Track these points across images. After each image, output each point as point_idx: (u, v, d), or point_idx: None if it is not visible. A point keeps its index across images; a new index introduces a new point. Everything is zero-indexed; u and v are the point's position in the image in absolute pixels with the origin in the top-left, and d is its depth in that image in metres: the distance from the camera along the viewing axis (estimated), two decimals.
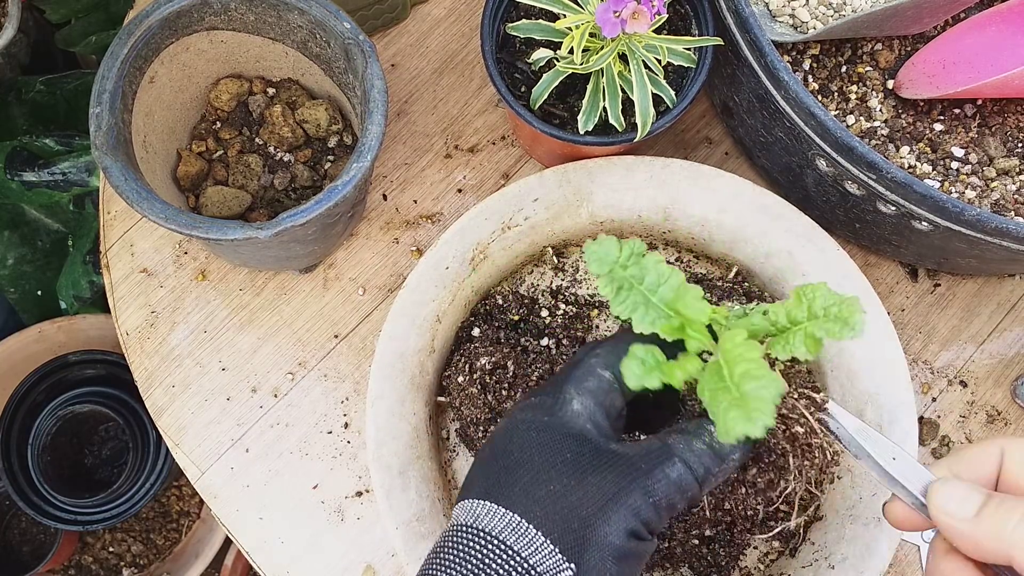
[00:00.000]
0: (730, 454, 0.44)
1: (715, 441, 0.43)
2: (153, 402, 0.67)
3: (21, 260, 0.96)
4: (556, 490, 0.42)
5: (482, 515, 0.42)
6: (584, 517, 0.41)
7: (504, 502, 0.42)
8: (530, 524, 0.41)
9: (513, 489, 0.43)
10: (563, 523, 0.41)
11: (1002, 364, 0.67)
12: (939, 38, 0.65)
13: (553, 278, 0.65)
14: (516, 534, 0.41)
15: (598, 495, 0.42)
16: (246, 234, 0.53)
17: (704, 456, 0.43)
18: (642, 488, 0.42)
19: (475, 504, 0.43)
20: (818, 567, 0.58)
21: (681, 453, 0.43)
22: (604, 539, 0.41)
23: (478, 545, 0.41)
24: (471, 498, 0.44)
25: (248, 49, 0.64)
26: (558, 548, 0.40)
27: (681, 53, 0.57)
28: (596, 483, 0.42)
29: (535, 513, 0.41)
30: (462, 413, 0.59)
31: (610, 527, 0.41)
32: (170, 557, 1.04)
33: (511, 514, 0.42)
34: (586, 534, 0.41)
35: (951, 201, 0.51)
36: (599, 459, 0.43)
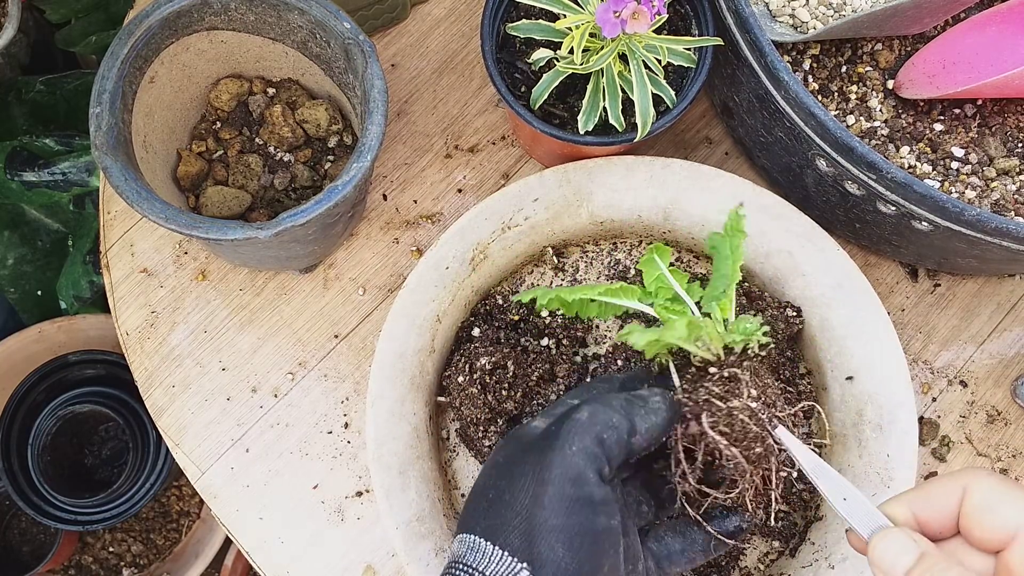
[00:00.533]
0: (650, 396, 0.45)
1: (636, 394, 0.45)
2: (153, 402, 0.67)
3: (21, 260, 0.96)
4: (493, 496, 0.43)
5: (455, 549, 0.44)
6: (520, 511, 0.41)
7: (465, 528, 0.44)
8: (479, 538, 0.42)
9: (469, 513, 0.44)
10: (504, 525, 0.42)
11: (1002, 364, 0.67)
12: (939, 38, 0.65)
13: (553, 278, 0.65)
14: (474, 552, 0.42)
15: (526, 483, 0.42)
16: (246, 234, 0.53)
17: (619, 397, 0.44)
18: (559, 449, 0.42)
19: (453, 542, 0.45)
20: (818, 567, 0.58)
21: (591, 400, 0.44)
22: (545, 523, 0.41)
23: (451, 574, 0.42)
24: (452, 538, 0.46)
25: (248, 49, 0.64)
26: (507, 551, 0.41)
27: (681, 53, 0.57)
28: (521, 472, 0.42)
29: (482, 526, 0.42)
30: (462, 413, 0.59)
31: (546, 510, 0.41)
32: (170, 557, 1.04)
33: (469, 536, 0.43)
34: (528, 527, 0.41)
35: (951, 201, 0.51)
36: (523, 450, 0.44)
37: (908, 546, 0.38)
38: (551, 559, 0.40)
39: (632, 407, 0.44)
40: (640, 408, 0.44)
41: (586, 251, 0.66)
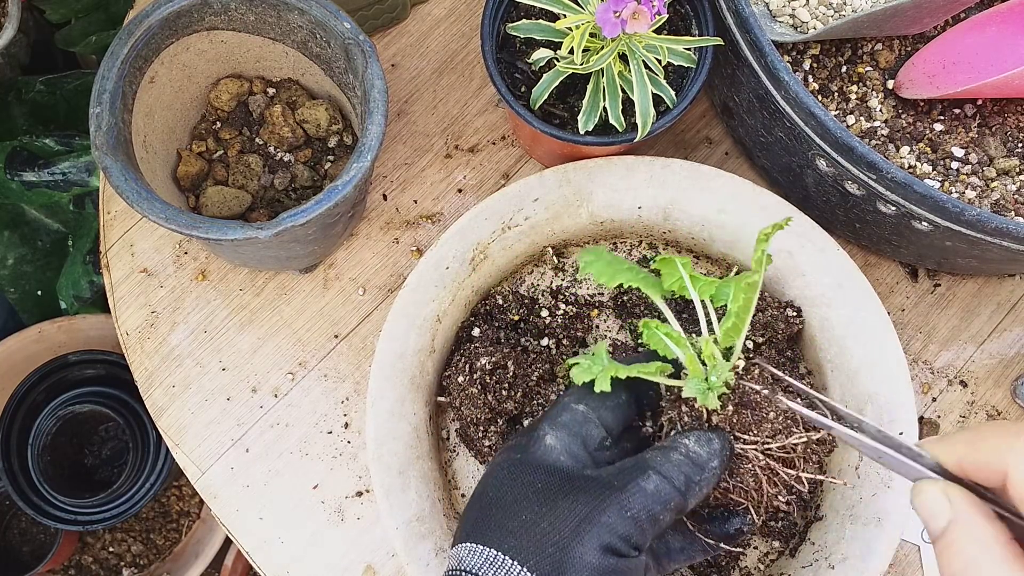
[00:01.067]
0: (708, 461, 0.44)
1: (691, 451, 0.44)
2: (153, 402, 0.67)
3: (21, 260, 0.96)
4: (528, 519, 0.43)
5: (464, 557, 0.43)
6: (558, 541, 0.42)
7: (482, 540, 0.43)
8: (506, 555, 0.42)
9: (489, 526, 0.44)
10: (537, 549, 0.42)
11: (1002, 364, 0.67)
12: (939, 38, 0.65)
13: (553, 278, 0.65)
14: (494, 568, 0.42)
15: (571, 518, 0.42)
16: (246, 234, 0.53)
17: (682, 465, 0.44)
18: (617, 504, 0.42)
19: (459, 548, 0.44)
20: (818, 567, 0.58)
21: (657, 466, 0.43)
22: (580, 559, 0.41)
23: None
24: (456, 544, 0.45)
25: (248, 49, 0.64)
26: (535, 574, 0.41)
27: (681, 53, 0.57)
28: (567, 507, 0.43)
29: (510, 544, 0.42)
30: (462, 413, 0.59)
31: (584, 547, 0.41)
32: (170, 557, 1.04)
33: (488, 550, 0.42)
34: (562, 557, 0.41)
35: (951, 201, 0.51)
36: (570, 484, 0.44)
37: (941, 508, 0.37)
38: None
39: (691, 486, 0.44)
40: (696, 485, 0.44)
41: None
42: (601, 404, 0.47)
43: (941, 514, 0.36)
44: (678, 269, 0.48)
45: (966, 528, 0.36)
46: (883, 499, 0.57)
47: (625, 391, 0.49)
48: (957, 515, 0.36)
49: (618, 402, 0.48)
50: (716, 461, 0.44)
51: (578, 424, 0.46)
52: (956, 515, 0.36)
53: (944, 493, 0.37)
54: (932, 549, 0.38)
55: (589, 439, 0.46)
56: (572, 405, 0.47)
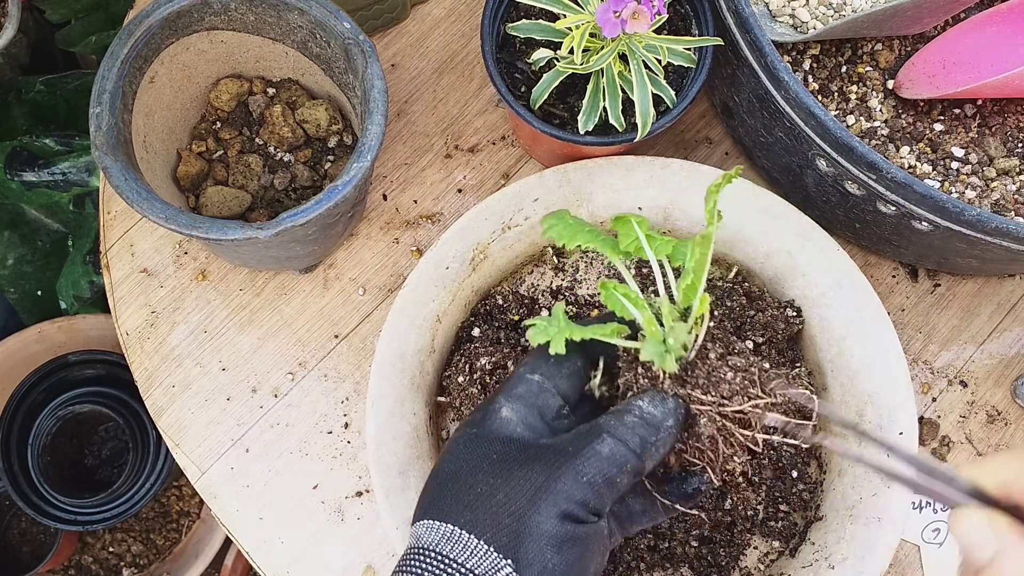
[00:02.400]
0: (663, 421, 0.43)
1: (645, 413, 0.44)
2: (153, 402, 0.67)
3: (21, 260, 0.96)
4: (483, 491, 0.42)
5: (422, 534, 0.43)
6: (514, 511, 0.41)
7: (438, 516, 0.43)
8: (462, 530, 0.42)
9: (445, 501, 0.44)
10: (494, 521, 0.41)
11: (1002, 364, 0.67)
12: (939, 38, 0.65)
13: (553, 278, 0.65)
14: (451, 543, 0.41)
15: (527, 487, 0.42)
16: (246, 234, 0.53)
17: (636, 427, 0.43)
18: (572, 470, 0.42)
19: (417, 526, 0.44)
20: (818, 567, 0.58)
21: (611, 429, 0.43)
22: (537, 528, 0.41)
23: (417, 562, 0.42)
24: (414, 522, 0.45)
25: (248, 49, 0.64)
26: (492, 547, 0.41)
27: (681, 53, 0.57)
28: (523, 476, 0.42)
29: (466, 518, 0.42)
30: (462, 413, 0.59)
31: (541, 516, 0.41)
32: (170, 557, 1.04)
33: (445, 525, 0.42)
34: (519, 527, 0.41)
35: (951, 201, 0.51)
36: (525, 454, 0.43)
37: (986, 539, 0.36)
38: (537, 559, 0.40)
39: (646, 447, 0.43)
40: (652, 445, 0.43)
41: (586, 251, 0.66)
42: (556, 372, 0.47)
43: (986, 544, 0.35)
44: (634, 229, 0.47)
45: (1016, 559, 0.35)
46: (883, 499, 0.57)
47: (580, 357, 0.48)
48: (1006, 545, 0.35)
49: (573, 369, 0.47)
50: (671, 420, 0.44)
51: (533, 395, 0.46)
52: (1005, 545, 0.35)
53: (988, 522, 0.36)
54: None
55: (546, 409, 0.46)
56: (527, 376, 0.46)
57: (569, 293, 0.64)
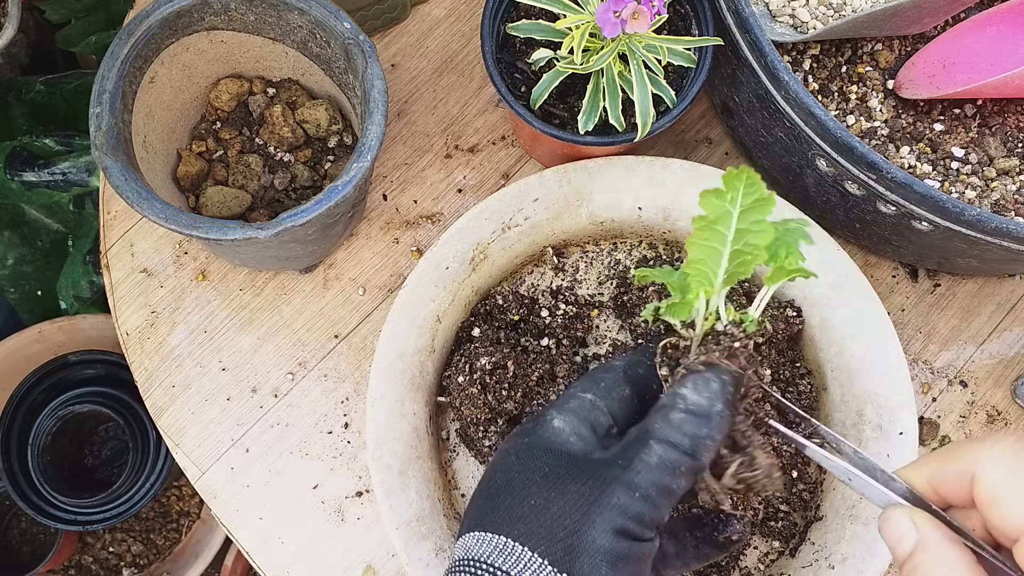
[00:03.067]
0: (711, 407, 0.41)
1: (690, 403, 0.42)
2: (153, 402, 0.67)
3: (21, 260, 0.96)
4: (537, 504, 0.42)
5: (472, 546, 0.42)
6: (568, 526, 0.40)
7: (490, 528, 0.42)
8: (515, 542, 0.41)
9: (497, 513, 0.43)
10: (548, 535, 0.40)
11: (1002, 364, 0.67)
12: (939, 38, 0.65)
13: (553, 278, 0.65)
14: (503, 555, 0.41)
15: (580, 501, 0.41)
16: (246, 234, 0.53)
17: (684, 424, 0.41)
18: (623, 484, 0.41)
19: (466, 537, 0.43)
20: (818, 567, 0.58)
21: (658, 432, 0.41)
22: (592, 544, 0.40)
23: (469, 572, 0.41)
24: (463, 534, 0.44)
25: (248, 49, 0.64)
26: (547, 560, 0.40)
27: (681, 53, 0.57)
28: (576, 490, 0.41)
29: (519, 530, 0.41)
30: (462, 413, 0.59)
31: (596, 531, 0.40)
32: (170, 557, 1.04)
33: (497, 537, 0.41)
34: (574, 542, 0.40)
35: (951, 201, 0.51)
36: (577, 467, 0.43)
37: (907, 532, 0.37)
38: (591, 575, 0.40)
39: (698, 443, 0.41)
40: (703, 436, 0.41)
41: (586, 251, 0.66)
42: (607, 394, 0.46)
43: (907, 537, 0.37)
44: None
45: (932, 550, 0.36)
46: None
47: (630, 386, 0.47)
48: (923, 537, 0.36)
49: (623, 395, 0.47)
50: (719, 405, 0.42)
51: (586, 410, 0.45)
52: (922, 537, 0.36)
53: (910, 518, 0.37)
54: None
55: (597, 425, 0.45)
56: (579, 394, 0.46)
57: (569, 293, 0.64)
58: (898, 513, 0.38)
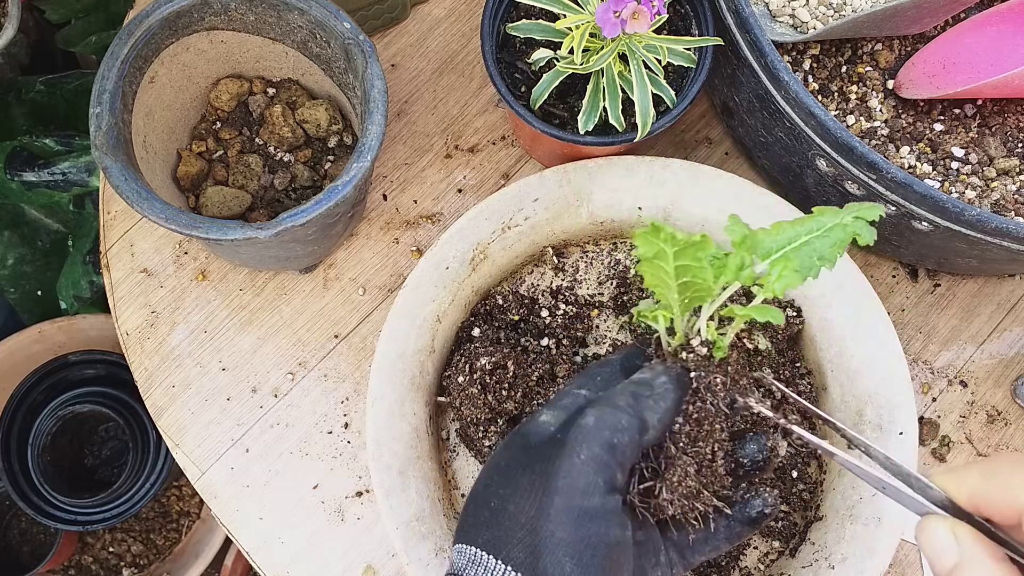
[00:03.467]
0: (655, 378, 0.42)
1: (635, 378, 0.42)
2: (153, 402, 0.67)
3: (21, 260, 0.96)
4: (496, 505, 0.41)
5: (456, 560, 0.42)
6: (525, 523, 0.39)
7: (465, 538, 0.42)
8: (482, 551, 0.40)
9: (469, 521, 0.42)
10: (507, 537, 0.39)
11: (1002, 364, 0.67)
12: (939, 38, 0.65)
13: (553, 278, 0.65)
14: (475, 566, 0.40)
15: (532, 493, 0.40)
16: (246, 234, 0.53)
17: (625, 390, 0.42)
18: (567, 456, 0.40)
19: (453, 551, 0.43)
20: (818, 567, 0.58)
21: (594, 402, 0.42)
22: (552, 537, 0.39)
23: None
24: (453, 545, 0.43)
25: (248, 49, 0.64)
26: (509, 566, 0.39)
27: (681, 53, 0.57)
28: (527, 482, 0.40)
29: (484, 538, 0.40)
30: (462, 413, 0.59)
31: (552, 522, 0.39)
32: (170, 557, 1.04)
33: (470, 548, 0.41)
34: (533, 540, 0.39)
35: (951, 201, 0.51)
36: (527, 455, 0.41)
37: (949, 547, 0.35)
38: (558, 574, 0.38)
39: (639, 400, 0.41)
40: (647, 398, 0.42)
41: (586, 251, 0.66)
42: (603, 389, 0.45)
43: (948, 554, 0.35)
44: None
45: (977, 569, 0.34)
46: (883, 499, 0.57)
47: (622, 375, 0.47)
48: (965, 556, 0.34)
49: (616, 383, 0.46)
50: (664, 378, 0.42)
51: (577, 406, 0.44)
52: (964, 556, 0.34)
53: (952, 532, 0.35)
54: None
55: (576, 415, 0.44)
56: (573, 390, 0.45)
57: (569, 293, 0.64)
58: (939, 524, 0.36)
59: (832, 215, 0.42)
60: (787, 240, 0.42)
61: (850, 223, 0.41)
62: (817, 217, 0.42)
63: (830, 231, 0.42)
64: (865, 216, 0.41)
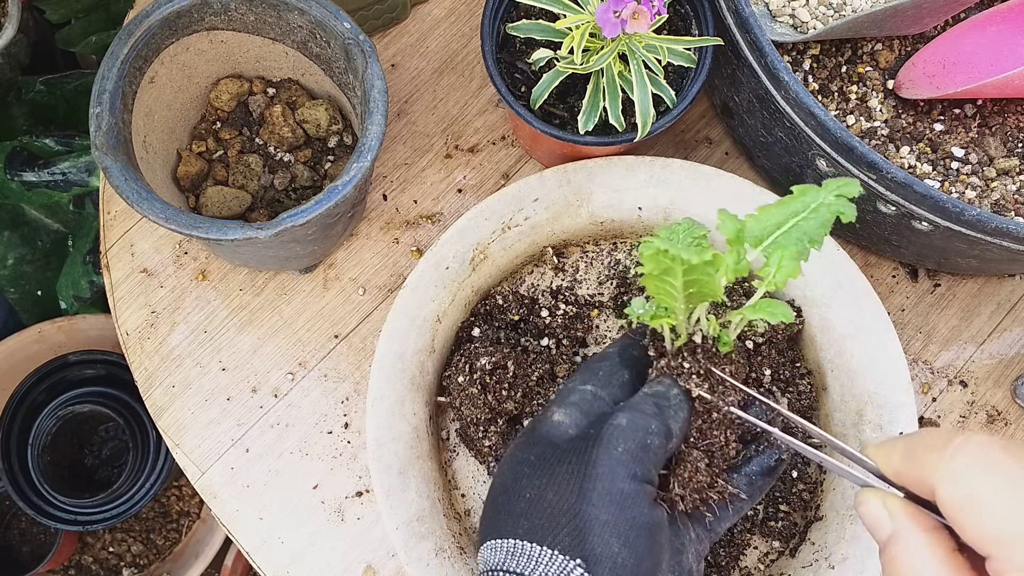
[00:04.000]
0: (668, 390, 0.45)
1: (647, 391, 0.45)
2: (153, 402, 0.67)
3: (21, 260, 0.96)
4: (532, 496, 0.41)
5: (488, 557, 0.42)
6: (567, 509, 0.40)
7: (498, 534, 0.42)
8: (523, 541, 0.40)
9: (500, 516, 0.43)
10: (550, 524, 0.40)
11: (1002, 364, 0.67)
12: (939, 38, 0.65)
13: (553, 278, 0.65)
14: (515, 557, 0.40)
15: (571, 480, 0.41)
16: (246, 234, 0.53)
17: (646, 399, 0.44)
18: (604, 448, 0.42)
19: (482, 550, 0.43)
20: (818, 567, 0.58)
21: (622, 407, 0.44)
22: (596, 519, 0.40)
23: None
24: (479, 547, 0.44)
25: (248, 49, 0.64)
26: (556, 550, 0.39)
27: (681, 53, 0.57)
28: (565, 471, 0.41)
29: (523, 528, 0.41)
30: (462, 413, 0.59)
31: (595, 505, 0.40)
32: (170, 557, 1.04)
33: (506, 541, 0.41)
34: (578, 523, 0.40)
35: (951, 201, 0.51)
36: (559, 450, 0.43)
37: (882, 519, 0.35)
38: (606, 554, 0.39)
39: (663, 411, 0.44)
40: (668, 409, 0.44)
41: (586, 251, 0.66)
42: (607, 382, 0.47)
43: (882, 525, 0.35)
44: None
45: (907, 541, 0.34)
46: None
47: (628, 370, 0.48)
48: (897, 528, 0.35)
49: (623, 380, 0.47)
50: (676, 390, 0.45)
51: (587, 402, 0.45)
52: (896, 527, 0.35)
53: (884, 504, 0.35)
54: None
55: (601, 416, 0.45)
56: (579, 387, 0.46)
57: (569, 293, 0.64)
58: (871, 496, 0.36)
59: (813, 194, 0.42)
60: (775, 225, 0.43)
61: (832, 202, 0.42)
62: (800, 197, 0.43)
63: (815, 211, 0.42)
64: (845, 193, 0.42)
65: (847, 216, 0.42)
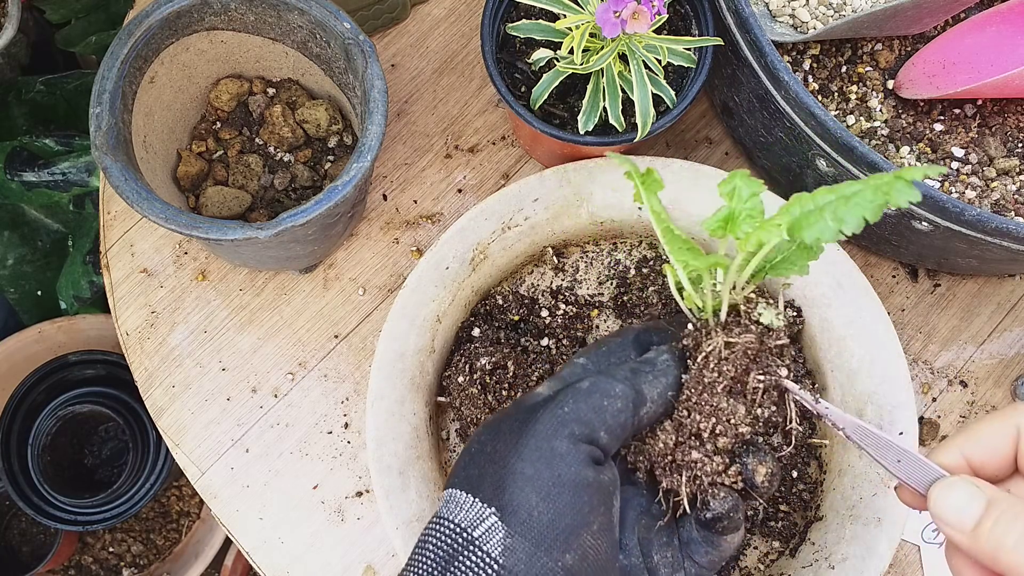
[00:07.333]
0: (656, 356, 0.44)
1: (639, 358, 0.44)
2: (153, 402, 0.67)
3: (21, 260, 0.96)
4: (476, 451, 0.43)
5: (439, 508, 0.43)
6: (498, 461, 0.41)
7: (447, 484, 0.43)
8: (457, 489, 0.42)
9: (454, 471, 0.44)
10: (480, 474, 0.41)
11: (1002, 364, 0.68)
12: (939, 38, 0.65)
13: (553, 278, 0.65)
14: (448, 505, 0.42)
15: (511, 436, 0.41)
16: (246, 234, 0.53)
17: (624, 365, 0.43)
18: (550, 410, 0.41)
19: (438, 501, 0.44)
20: (818, 567, 0.58)
21: (601, 372, 0.43)
22: (520, 472, 0.40)
23: (428, 527, 0.42)
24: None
25: (248, 49, 0.64)
26: (477, 498, 0.40)
27: (681, 53, 0.57)
28: (508, 427, 0.42)
29: (460, 478, 0.42)
30: (462, 413, 0.59)
31: (523, 460, 0.40)
32: (170, 557, 1.04)
33: (449, 490, 0.43)
34: (502, 475, 0.40)
35: (951, 201, 0.51)
36: (519, 409, 0.43)
37: (974, 495, 0.35)
38: (523, 506, 0.39)
39: (638, 375, 0.42)
40: (647, 374, 0.43)
41: (586, 251, 0.66)
42: (604, 359, 0.46)
43: (977, 498, 0.35)
44: None
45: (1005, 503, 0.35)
46: (883, 499, 0.57)
47: (634, 349, 0.47)
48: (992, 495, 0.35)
49: (625, 356, 0.46)
50: (667, 355, 0.44)
51: (574, 375, 0.45)
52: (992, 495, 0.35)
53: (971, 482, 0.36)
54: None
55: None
56: (575, 360, 0.46)
57: (569, 293, 0.64)
58: (959, 481, 0.36)
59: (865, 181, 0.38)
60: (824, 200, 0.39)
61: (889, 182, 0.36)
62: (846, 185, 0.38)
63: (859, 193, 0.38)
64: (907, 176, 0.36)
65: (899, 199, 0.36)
